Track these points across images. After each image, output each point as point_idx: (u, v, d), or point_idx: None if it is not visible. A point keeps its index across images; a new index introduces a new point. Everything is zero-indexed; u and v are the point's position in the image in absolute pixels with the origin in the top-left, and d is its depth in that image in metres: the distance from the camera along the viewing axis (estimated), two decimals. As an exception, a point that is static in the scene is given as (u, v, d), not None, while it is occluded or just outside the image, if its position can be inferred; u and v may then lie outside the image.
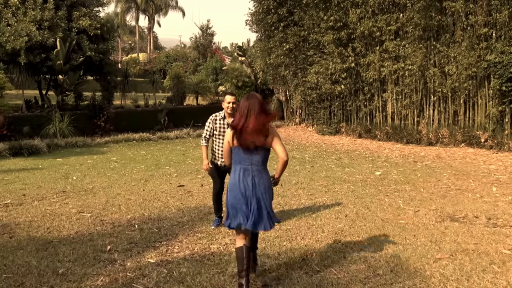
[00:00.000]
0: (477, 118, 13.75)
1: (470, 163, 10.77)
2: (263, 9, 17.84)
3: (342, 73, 15.92)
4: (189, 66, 25.95)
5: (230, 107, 5.57)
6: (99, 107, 15.79)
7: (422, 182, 8.51)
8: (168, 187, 8.25)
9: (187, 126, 17.06)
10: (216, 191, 5.95)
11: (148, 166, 10.52)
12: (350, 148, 13.63)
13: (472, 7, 12.92)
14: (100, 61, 15.66)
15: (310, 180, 8.74)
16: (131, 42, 53.16)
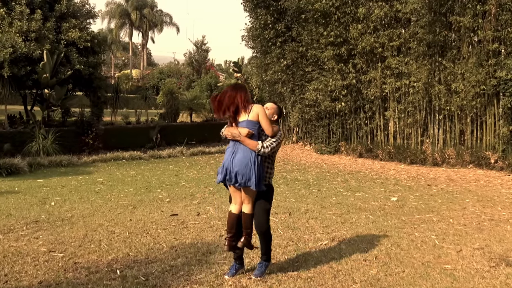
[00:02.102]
0: (485, 137, 12.61)
1: (488, 187, 9.57)
2: (260, 25, 16.71)
3: (342, 90, 14.76)
4: (183, 82, 24.73)
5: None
6: (88, 124, 14.41)
7: (446, 211, 7.25)
8: (159, 216, 6.88)
9: (180, 144, 15.71)
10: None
11: (137, 189, 9.14)
12: (353, 169, 12.38)
13: (481, 22, 11.87)
14: (89, 75, 14.32)
15: (320, 207, 7.43)
16: (125, 59, 51.78)
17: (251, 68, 21.09)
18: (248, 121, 4.20)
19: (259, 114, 4.19)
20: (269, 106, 4.60)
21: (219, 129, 5.03)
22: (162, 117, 17.41)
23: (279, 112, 4.62)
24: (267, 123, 4.21)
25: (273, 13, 16.46)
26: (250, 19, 17.45)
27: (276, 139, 4.29)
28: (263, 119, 4.20)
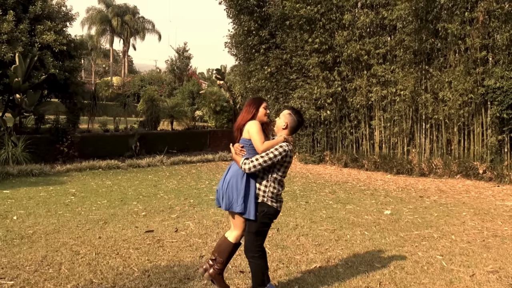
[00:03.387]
0: (472, 147, 12.10)
1: (481, 199, 8.99)
2: (244, 31, 16.01)
3: (327, 98, 14.13)
4: (164, 90, 23.80)
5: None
6: (63, 131, 13.41)
7: (445, 226, 6.60)
8: (132, 232, 6.04)
9: (160, 153, 14.84)
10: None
11: (111, 201, 8.27)
12: (340, 179, 11.70)
13: (469, 29, 11.40)
14: (65, 80, 13.35)
15: (310, 222, 6.70)
16: (105, 66, 50.35)
17: (234, 76, 20.36)
18: (242, 138, 3.92)
19: (249, 130, 3.82)
20: (281, 114, 4.00)
21: (201, 137, 4.31)
22: (142, 125, 16.50)
23: (291, 120, 3.87)
24: (255, 139, 3.77)
25: (257, 19, 15.81)
26: (234, 25, 16.77)
27: (264, 155, 3.70)
28: (252, 135, 3.80)
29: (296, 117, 3.88)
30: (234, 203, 3.78)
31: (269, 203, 3.80)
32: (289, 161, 3.83)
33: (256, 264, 3.80)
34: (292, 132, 3.91)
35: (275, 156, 3.69)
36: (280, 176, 3.82)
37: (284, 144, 3.76)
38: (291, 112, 3.91)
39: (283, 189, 3.90)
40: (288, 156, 3.79)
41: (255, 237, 3.80)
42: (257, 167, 3.70)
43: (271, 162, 3.70)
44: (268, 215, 3.82)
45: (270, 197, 3.80)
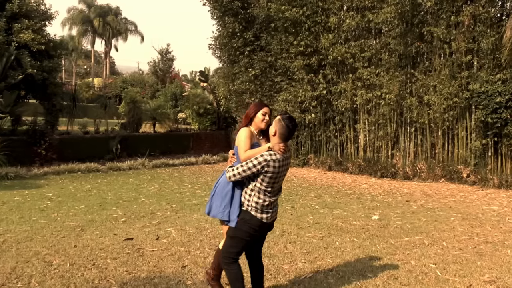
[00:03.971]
0: (456, 151, 12.02)
1: (467, 203, 8.85)
2: (228, 33, 15.70)
3: (312, 101, 13.92)
4: (147, 92, 23.30)
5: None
6: (40, 133, 12.89)
7: (435, 231, 6.39)
8: (110, 240, 5.67)
9: (142, 156, 14.40)
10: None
11: (89, 206, 7.86)
12: (324, 183, 11.48)
13: (455, 33, 11.33)
14: (43, 80, 12.87)
15: (297, 228, 6.42)
16: (87, 67, 49.27)
17: (218, 78, 20.02)
18: (235, 145, 3.82)
19: (238, 137, 3.73)
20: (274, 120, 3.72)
21: (184, 140, 4.03)
22: (123, 127, 16.03)
23: (280, 127, 3.51)
24: (239, 147, 3.65)
25: (242, 21, 15.52)
26: (218, 27, 16.42)
27: (244, 164, 3.47)
28: (238, 142, 3.67)
29: (286, 123, 3.51)
30: (217, 208, 3.67)
31: (253, 213, 3.54)
32: (274, 171, 3.45)
33: (230, 271, 3.62)
34: (283, 139, 3.53)
35: (254, 165, 3.43)
36: (264, 187, 3.51)
37: (266, 153, 3.45)
38: (281, 117, 3.56)
39: (273, 199, 3.58)
40: (271, 167, 3.43)
41: (230, 242, 3.63)
42: (237, 177, 3.51)
43: (250, 172, 3.46)
44: (248, 224, 3.55)
45: (254, 206, 3.54)
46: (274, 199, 3.60)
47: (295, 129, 3.55)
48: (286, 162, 3.56)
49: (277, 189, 3.63)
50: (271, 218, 3.64)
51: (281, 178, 3.60)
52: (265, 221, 3.58)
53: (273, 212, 3.64)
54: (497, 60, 10.96)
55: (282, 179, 3.61)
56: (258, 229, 3.61)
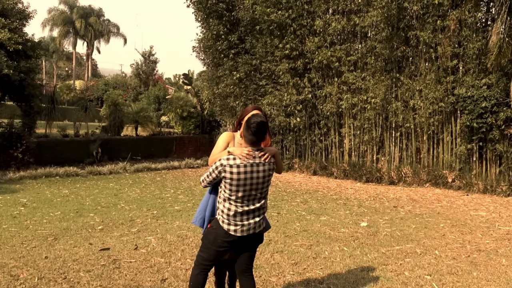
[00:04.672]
0: (441, 156, 11.87)
1: (454, 209, 8.65)
2: (212, 35, 15.34)
3: (297, 105, 13.64)
4: (129, 94, 22.71)
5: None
6: (17, 136, 12.33)
7: (426, 239, 6.13)
8: (85, 251, 5.25)
9: (123, 160, 13.91)
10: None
11: (65, 213, 7.40)
12: (310, 188, 11.19)
13: (441, 37, 11.19)
14: (20, 81, 12.28)
15: (284, 236, 6.08)
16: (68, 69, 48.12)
17: (202, 81, 19.61)
18: None
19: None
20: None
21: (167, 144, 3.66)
22: (104, 130, 15.50)
23: (243, 129, 3.20)
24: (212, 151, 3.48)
25: (226, 23, 15.19)
26: (202, 29, 16.06)
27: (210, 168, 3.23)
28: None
29: (246, 125, 3.15)
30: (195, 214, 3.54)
31: (220, 223, 3.24)
32: (232, 178, 3.10)
33: (193, 275, 3.37)
34: (249, 143, 3.17)
35: (213, 170, 3.20)
36: (228, 194, 3.17)
37: (224, 158, 3.15)
38: (248, 119, 3.19)
39: (240, 209, 3.19)
40: (227, 172, 3.10)
41: (200, 246, 3.42)
42: (203, 183, 3.31)
43: (211, 178, 3.22)
44: (214, 233, 3.26)
45: (221, 215, 3.24)
46: (242, 209, 3.18)
47: (258, 132, 3.11)
48: (255, 169, 3.14)
49: (248, 199, 3.19)
50: (242, 233, 3.21)
51: (250, 187, 3.15)
52: (233, 233, 3.20)
53: (244, 226, 3.21)
54: (483, 65, 10.84)
55: (252, 187, 3.16)
56: (227, 241, 3.24)
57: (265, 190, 3.27)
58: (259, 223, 3.29)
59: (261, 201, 3.27)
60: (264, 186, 3.23)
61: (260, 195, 3.24)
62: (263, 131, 3.13)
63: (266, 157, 3.19)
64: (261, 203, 3.27)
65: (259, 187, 3.19)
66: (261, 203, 3.27)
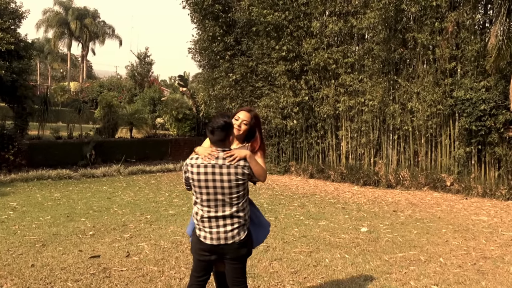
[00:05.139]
0: (440, 159, 11.66)
1: (454, 213, 8.42)
2: (208, 37, 15.10)
3: (294, 107, 13.39)
4: (124, 96, 22.37)
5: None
6: (8, 137, 11.97)
7: (429, 245, 5.89)
8: (74, 258, 4.96)
9: (118, 162, 13.59)
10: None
11: (56, 217, 7.10)
12: (307, 191, 10.93)
13: (439, 39, 10.99)
14: (13, 82, 11.97)
15: (283, 242, 5.82)
16: (63, 71, 47.56)
17: (197, 84, 19.35)
18: None
19: None
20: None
21: (161, 146, 3.41)
22: (98, 132, 15.18)
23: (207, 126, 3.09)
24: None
25: (222, 25, 14.94)
26: (198, 31, 15.83)
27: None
28: None
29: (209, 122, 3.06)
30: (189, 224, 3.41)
31: (195, 229, 3.08)
32: (193, 178, 2.97)
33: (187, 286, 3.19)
34: (211, 142, 3.04)
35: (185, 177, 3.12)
36: (195, 198, 3.03)
37: (189, 157, 3.07)
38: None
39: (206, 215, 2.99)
40: (189, 171, 3.00)
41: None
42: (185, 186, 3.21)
43: (184, 180, 3.13)
44: (192, 240, 3.13)
45: (194, 220, 3.09)
46: (208, 214, 2.97)
47: (214, 131, 2.95)
48: (218, 171, 2.92)
49: (216, 204, 2.96)
50: (212, 241, 2.98)
51: (214, 190, 2.94)
52: (203, 240, 3.00)
53: (212, 233, 2.98)
54: (481, 67, 10.65)
55: (217, 191, 2.94)
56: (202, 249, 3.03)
57: (235, 196, 2.96)
58: (231, 233, 2.98)
59: (232, 208, 2.97)
60: (232, 191, 2.94)
61: (229, 201, 2.96)
62: (221, 130, 2.94)
63: (232, 159, 2.93)
64: (231, 211, 2.97)
65: (225, 192, 2.94)
66: (231, 211, 2.97)
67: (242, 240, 3.02)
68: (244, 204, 3.03)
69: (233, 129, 3.05)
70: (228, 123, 2.97)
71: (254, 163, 3.02)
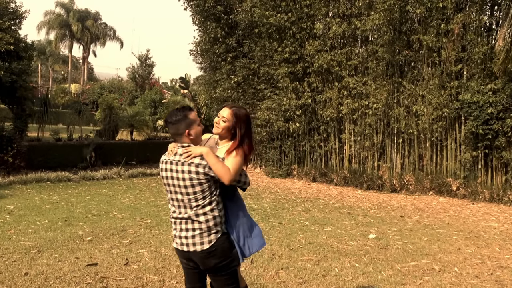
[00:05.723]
0: (445, 163, 11.38)
1: (463, 219, 8.13)
2: (210, 39, 14.84)
3: (297, 110, 13.11)
4: (125, 98, 22.09)
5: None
6: (7, 139, 11.67)
7: (441, 253, 5.60)
8: (70, 266, 4.67)
9: (118, 165, 13.29)
10: None
11: (53, 222, 6.80)
12: (310, 195, 10.64)
13: (445, 41, 10.72)
14: (12, 83, 11.68)
15: (289, 249, 5.53)
16: (64, 72, 47.25)
17: (199, 86, 19.12)
18: None
19: None
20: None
21: (162, 148, 3.16)
22: (98, 134, 14.89)
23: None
24: None
25: (224, 26, 14.69)
26: (199, 32, 15.57)
27: None
28: None
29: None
30: None
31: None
32: (161, 174, 2.85)
33: None
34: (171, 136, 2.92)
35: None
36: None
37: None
38: None
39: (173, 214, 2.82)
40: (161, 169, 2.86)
41: None
42: None
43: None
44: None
45: None
46: (173, 215, 2.81)
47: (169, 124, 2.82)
48: (175, 168, 2.73)
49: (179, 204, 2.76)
50: (177, 245, 2.78)
51: (173, 188, 2.75)
52: (174, 244, 2.83)
53: (176, 237, 2.80)
54: (488, 69, 10.38)
55: (176, 190, 2.74)
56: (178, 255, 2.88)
57: (192, 198, 2.70)
58: (192, 240, 2.71)
59: (190, 210, 2.72)
60: (188, 191, 2.69)
61: (188, 202, 2.71)
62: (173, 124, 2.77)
63: (186, 156, 2.70)
64: (189, 214, 2.71)
65: (182, 191, 2.71)
66: (189, 214, 2.71)
67: (206, 250, 2.70)
68: (206, 208, 2.71)
69: (193, 123, 2.78)
70: (182, 116, 2.76)
71: (214, 161, 2.68)
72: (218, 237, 2.73)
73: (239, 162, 2.76)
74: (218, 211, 2.75)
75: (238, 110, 2.93)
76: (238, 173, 2.75)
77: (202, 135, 2.94)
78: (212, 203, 2.72)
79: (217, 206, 2.75)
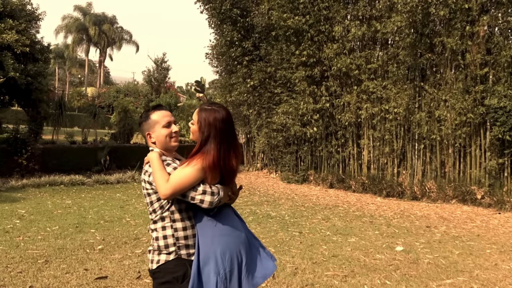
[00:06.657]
0: (468, 170, 10.80)
1: (492, 230, 7.59)
2: (226, 42, 14.50)
3: (314, 114, 12.66)
4: (140, 102, 21.89)
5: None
6: (22, 141, 11.46)
7: (477, 270, 5.09)
8: (78, 279, 4.29)
9: (132, 168, 12.98)
10: None
11: (64, 228, 6.46)
12: (329, 202, 10.16)
13: (470, 44, 10.18)
14: (27, 85, 11.48)
15: (312, 262, 5.07)
16: (81, 76, 47.52)
17: (214, 90, 18.79)
18: None
19: None
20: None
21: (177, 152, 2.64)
22: (113, 137, 14.62)
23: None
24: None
25: (240, 29, 14.34)
26: (215, 36, 15.25)
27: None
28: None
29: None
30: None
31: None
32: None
33: None
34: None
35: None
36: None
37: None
38: None
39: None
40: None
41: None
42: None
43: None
44: None
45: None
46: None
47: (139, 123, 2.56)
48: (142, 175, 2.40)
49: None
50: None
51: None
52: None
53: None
54: (516, 73, 9.83)
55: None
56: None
57: (149, 209, 2.33)
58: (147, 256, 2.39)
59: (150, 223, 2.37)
60: (145, 201, 2.36)
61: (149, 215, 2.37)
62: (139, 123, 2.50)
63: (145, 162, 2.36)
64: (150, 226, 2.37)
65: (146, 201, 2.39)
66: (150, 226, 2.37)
67: (152, 270, 2.33)
68: (157, 225, 2.30)
69: (155, 125, 2.40)
70: (144, 118, 2.44)
71: (156, 169, 2.23)
72: (170, 260, 2.27)
73: (187, 174, 2.18)
74: (172, 230, 2.27)
75: (204, 109, 2.33)
76: (181, 186, 2.16)
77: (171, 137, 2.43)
78: (164, 219, 2.28)
79: (172, 224, 2.27)
